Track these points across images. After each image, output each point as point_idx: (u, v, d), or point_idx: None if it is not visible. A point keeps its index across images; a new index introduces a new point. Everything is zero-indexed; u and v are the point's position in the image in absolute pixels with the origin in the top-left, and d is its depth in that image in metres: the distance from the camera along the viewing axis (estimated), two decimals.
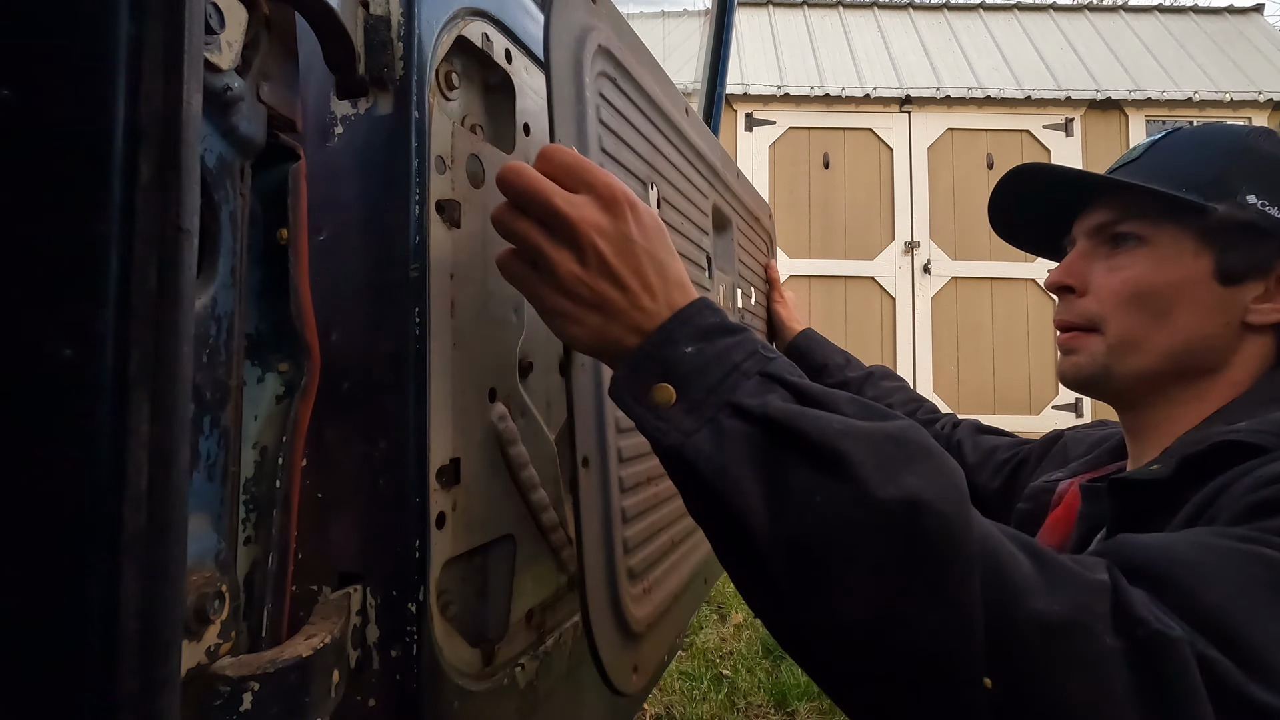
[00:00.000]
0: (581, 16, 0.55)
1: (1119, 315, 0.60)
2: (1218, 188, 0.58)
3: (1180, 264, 0.58)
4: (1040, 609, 0.32)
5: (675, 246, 0.64)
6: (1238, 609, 0.34)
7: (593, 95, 0.55)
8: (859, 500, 0.35)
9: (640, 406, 0.41)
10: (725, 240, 0.97)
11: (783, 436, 0.37)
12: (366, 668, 0.49)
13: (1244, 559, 0.37)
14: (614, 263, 0.43)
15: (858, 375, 1.12)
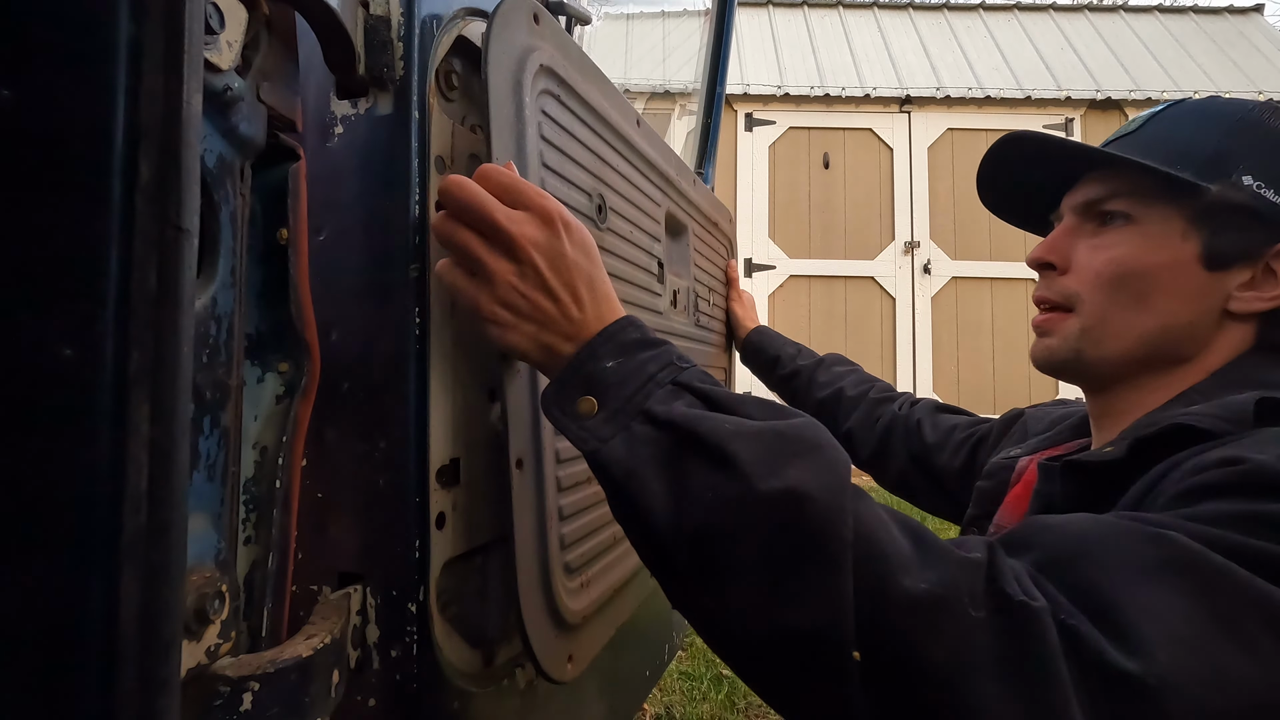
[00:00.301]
0: (523, 38, 0.56)
1: (1097, 296, 0.58)
2: (1214, 166, 0.55)
3: (1167, 246, 0.56)
4: (908, 587, 0.34)
5: (625, 253, 0.70)
6: (1114, 583, 0.36)
7: (534, 113, 0.56)
8: (745, 493, 0.37)
9: (566, 418, 0.45)
10: (680, 245, 1.00)
11: (683, 439, 0.41)
12: (366, 668, 0.49)
13: (1137, 539, 0.38)
14: (548, 275, 0.46)
15: (809, 364, 1.13)
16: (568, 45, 0.63)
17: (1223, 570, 0.36)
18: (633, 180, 0.77)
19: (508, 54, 0.54)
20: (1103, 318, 0.58)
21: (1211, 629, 0.34)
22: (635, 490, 0.41)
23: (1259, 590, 0.35)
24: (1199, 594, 0.35)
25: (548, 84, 0.59)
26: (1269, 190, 0.54)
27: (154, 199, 0.24)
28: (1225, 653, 0.34)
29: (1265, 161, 0.55)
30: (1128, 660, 0.33)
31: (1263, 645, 0.34)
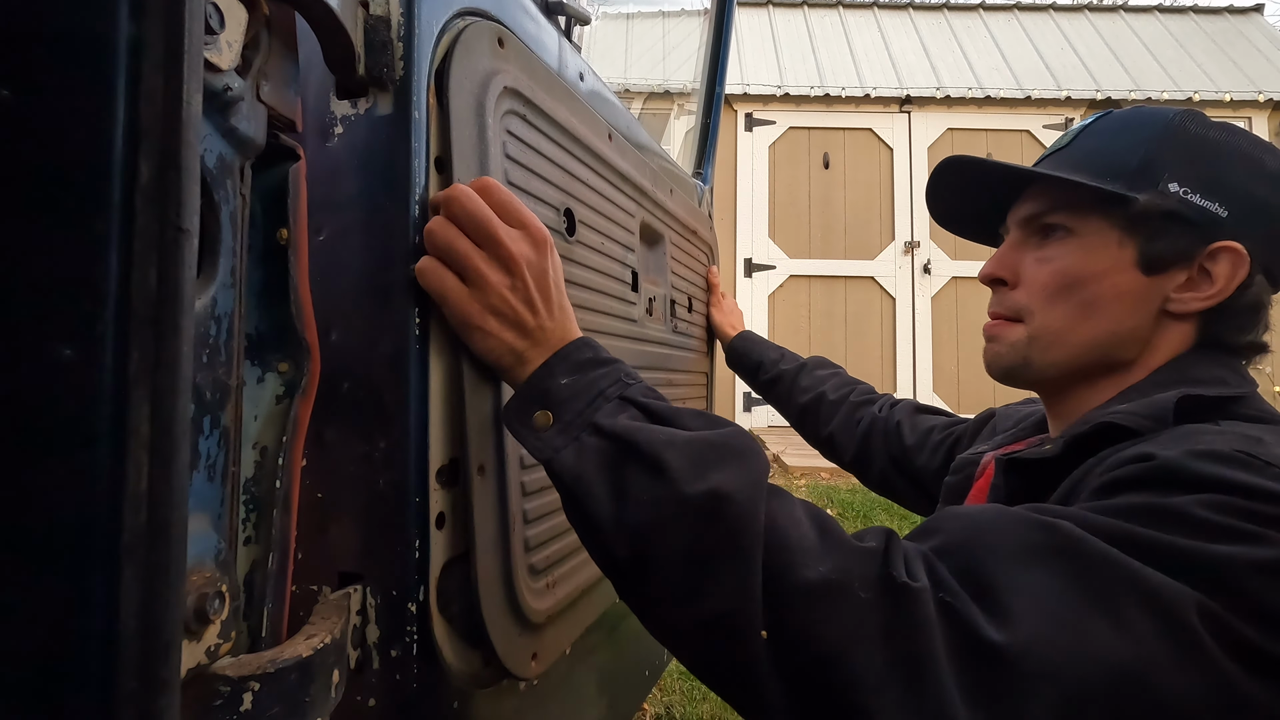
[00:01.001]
0: (485, 62, 0.58)
1: (1045, 307, 0.61)
2: (1141, 176, 0.57)
3: (1105, 254, 0.58)
4: (808, 575, 0.39)
5: (595, 264, 0.73)
6: (998, 565, 0.40)
7: (497, 134, 0.58)
8: (673, 495, 0.42)
9: (525, 430, 0.50)
10: (657, 254, 1.01)
11: (623, 448, 0.45)
12: (366, 668, 0.49)
13: (1027, 526, 0.41)
14: (534, 291, 0.51)
15: (791, 368, 1.14)
16: (534, 66, 0.65)
17: (1104, 555, 0.39)
18: (603, 193, 0.79)
19: (469, 78, 0.55)
20: (1050, 327, 0.61)
21: (1083, 606, 0.38)
22: (583, 494, 0.46)
23: (1137, 573, 0.39)
24: (1077, 575, 0.39)
25: (513, 104, 0.61)
26: (1194, 195, 0.56)
27: (154, 199, 0.24)
28: (1094, 627, 0.37)
29: (1189, 168, 0.57)
30: (996, 632, 0.37)
31: (1135, 622, 0.37)
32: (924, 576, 0.39)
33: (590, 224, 0.75)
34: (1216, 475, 0.42)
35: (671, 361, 1.03)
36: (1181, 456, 0.44)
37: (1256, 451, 0.44)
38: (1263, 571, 0.39)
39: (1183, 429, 0.49)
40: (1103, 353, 0.60)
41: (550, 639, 0.62)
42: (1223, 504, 0.41)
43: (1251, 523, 0.40)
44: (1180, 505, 0.42)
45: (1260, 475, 0.42)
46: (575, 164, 0.72)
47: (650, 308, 0.95)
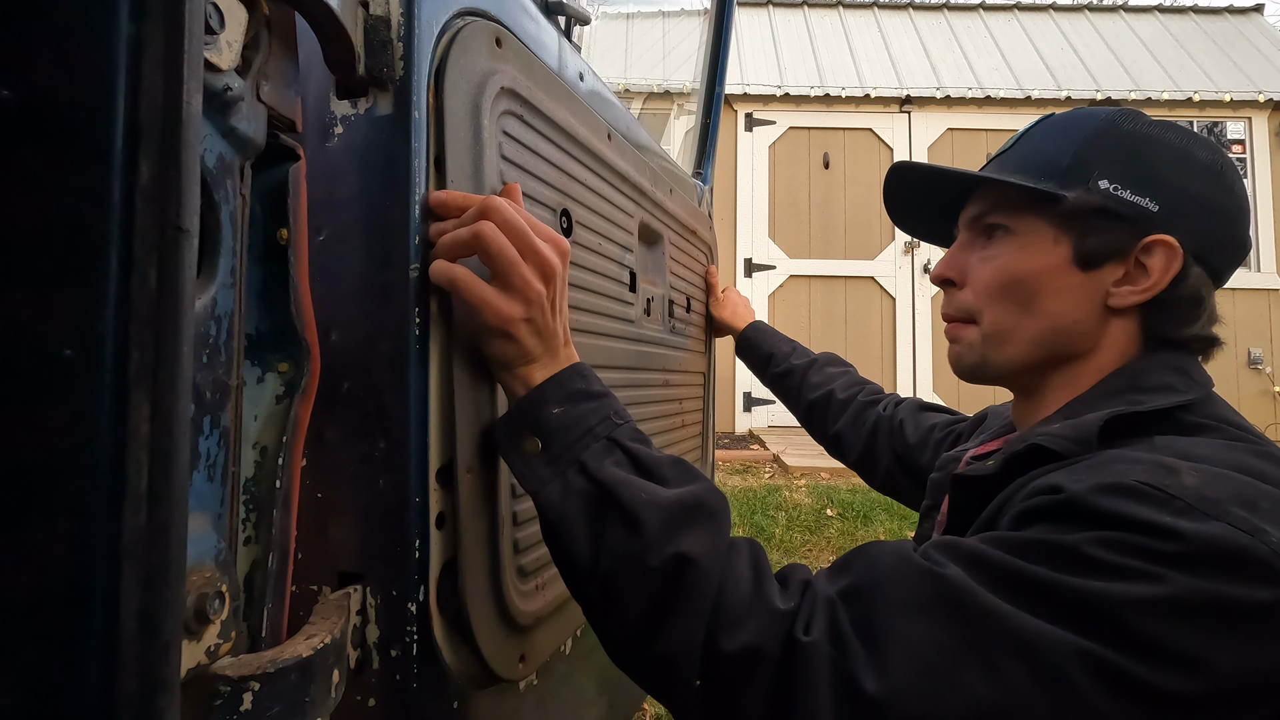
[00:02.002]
0: (483, 62, 0.57)
1: (990, 305, 0.63)
2: (1072, 174, 0.59)
3: (1041, 251, 0.60)
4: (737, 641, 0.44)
5: (593, 264, 0.74)
6: (887, 615, 0.43)
7: (493, 135, 0.57)
8: (644, 554, 0.46)
9: (513, 453, 0.52)
10: (656, 254, 1.02)
11: (606, 498, 0.49)
12: (366, 668, 0.49)
13: (919, 577, 0.44)
14: (560, 305, 0.55)
15: (802, 363, 1.14)
16: (532, 66, 0.65)
17: (984, 606, 0.41)
18: (602, 193, 0.79)
19: (465, 79, 0.55)
20: (998, 325, 0.63)
21: (958, 656, 0.40)
22: (564, 533, 0.50)
23: (1015, 623, 0.41)
24: (956, 626, 0.41)
25: (509, 105, 0.61)
26: (1125, 190, 0.58)
27: (154, 199, 0.24)
28: (966, 677, 0.40)
29: (1119, 165, 0.58)
30: (873, 682, 0.40)
31: (1008, 672, 0.40)
32: (821, 629, 0.43)
33: (588, 224, 0.75)
34: (1116, 511, 0.43)
35: (669, 362, 1.03)
36: (1086, 491, 0.45)
37: (1164, 483, 0.44)
38: (1154, 610, 0.40)
39: (1101, 457, 0.50)
40: (1051, 348, 0.61)
41: (539, 641, 0.62)
42: (1118, 541, 0.42)
43: (1145, 560, 0.41)
44: (1076, 543, 0.42)
45: (1161, 510, 0.42)
46: (573, 164, 0.72)
47: (648, 308, 0.95)
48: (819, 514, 2.99)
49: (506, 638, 0.57)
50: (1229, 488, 0.44)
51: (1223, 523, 0.42)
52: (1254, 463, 0.48)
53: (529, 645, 0.60)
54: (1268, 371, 5.05)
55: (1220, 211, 0.58)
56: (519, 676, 0.59)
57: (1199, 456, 0.48)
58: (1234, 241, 0.59)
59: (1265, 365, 5.04)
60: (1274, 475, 0.47)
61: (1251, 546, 0.41)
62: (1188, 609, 0.40)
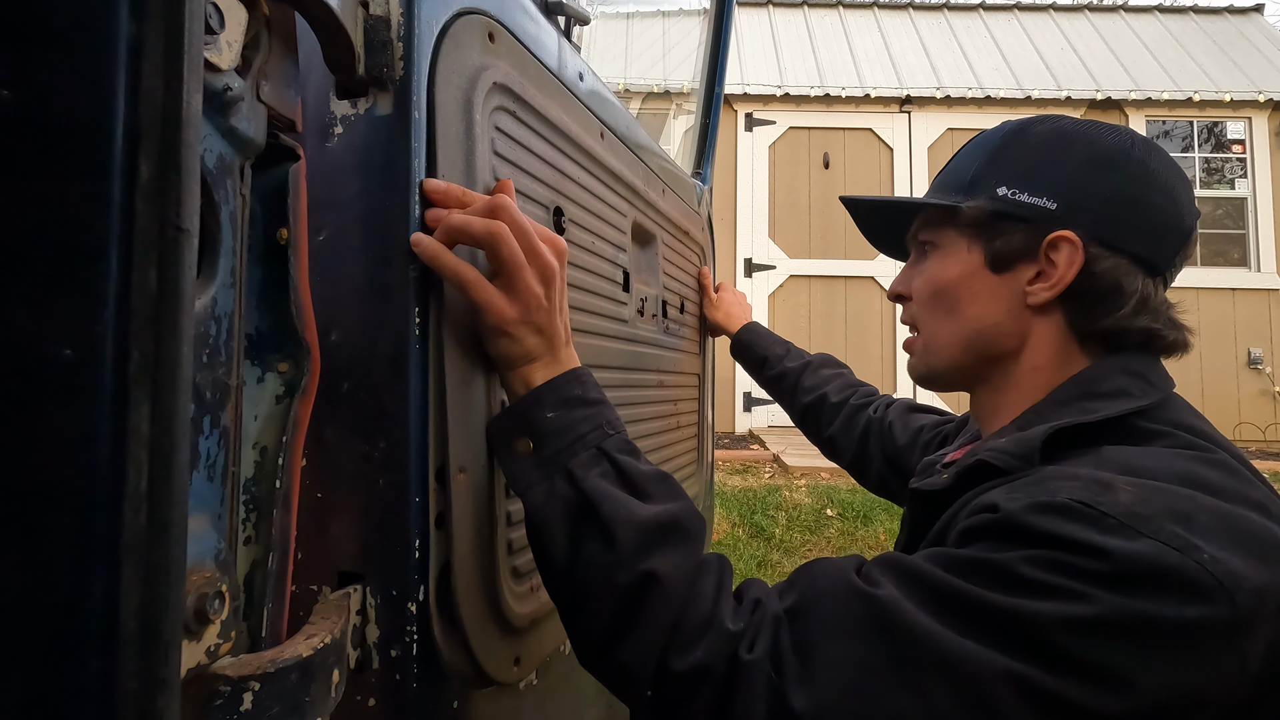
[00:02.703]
0: (475, 57, 0.57)
1: (925, 315, 0.67)
2: (975, 186, 0.63)
3: (958, 260, 0.64)
4: (688, 659, 0.46)
5: (586, 263, 0.74)
6: (821, 634, 0.44)
7: (485, 130, 0.57)
8: (615, 569, 0.48)
9: (505, 451, 0.54)
10: (649, 254, 1.01)
11: (587, 509, 0.50)
12: (366, 668, 0.49)
13: (852, 598, 0.45)
14: (560, 304, 0.56)
15: (796, 365, 1.14)
16: (526, 63, 0.65)
17: (912, 626, 0.43)
18: (595, 192, 0.78)
19: (457, 73, 0.55)
20: (934, 332, 0.67)
21: (884, 677, 0.42)
22: (545, 536, 0.52)
23: (942, 643, 0.42)
24: (884, 647, 0.43)
25: (502, 100, 0.60)
26: (1022, 194, 0.60)
27: (154, 199, 0.24)
28: (890, 697, 0.41)
29: (1018, 171, 0.61)
30: (801, 701, 0.42)
31: (931, 692, 0.41)
32: (764, 648, 0.45)
33: (581, 223, 0.75)
34: (1047, 530, 0.43)
35: (663, 362, 1.03)
36: (1020, 510, 0.45)
37: (1097, 500, 0.44)
38: (1080, 629, 0.40)
39: (1040, 474, 0.51)
40: (978, 350, 0.64)
41: (534, 642, 0.62)
42: (1048, 560, 0.42)
43: (1074, 579, 0.41)
44: (1007, 562, 0.43)
45: (1092, 528, 0.43)
46: (566, 162, 0.71)
47: (642, 308, 0.95)
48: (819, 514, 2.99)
49: (500, 639, 0.57)
50: (1164, 502, 0.44)
51: (1154, 540, 0.42)
52: (1201, 472, 0.48)
53: (524, 647, 0.60)
54: (1268, 371, 5.05)
55: (1129, 200, 0.59)
56: (514, 679, 0.58)
57: (1143, 469, 0.48)
58: (1154, 226, 0.59)
59: (1265, 365, 5.05)
60: (1220, 485, 0.47)
61: (1181, 565, 0.41)
62: (1114, 628, 0.40)
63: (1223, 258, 5.22)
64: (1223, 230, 5.24)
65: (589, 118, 0.78)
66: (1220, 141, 5.32)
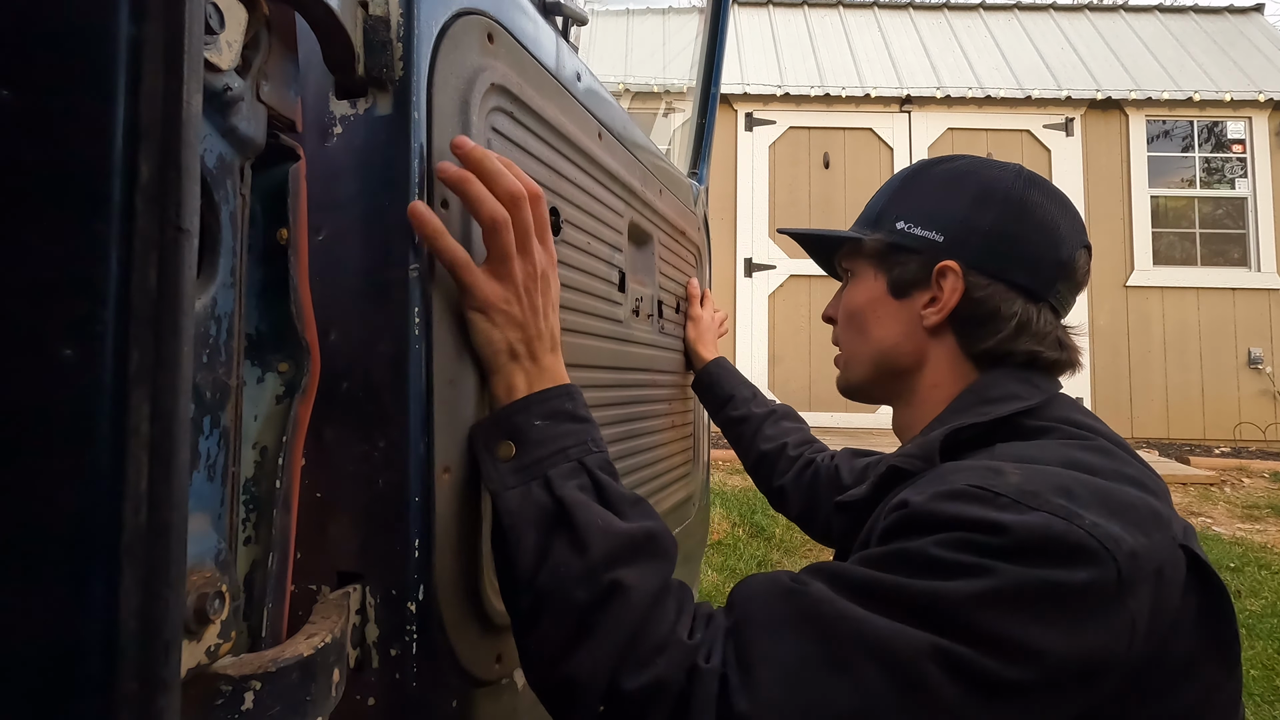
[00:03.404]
0: (473, 58, 0.57)
1: (843, 335, 0.76)
2: (880, 219, 0.71)
3: (867, 287, 0.72)
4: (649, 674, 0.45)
5: (581, 263, 0.75)
6: (756, 637, 0.45)
7: (482, 131, 0.58)
8: (583, 577, 0.48)
9: (485, 453, 0.54)
10: (645, 254, 1.01)
11: (561, 516, 0.50)
12: (366, 667, 0.50)
13: (778, 596, 0.47)
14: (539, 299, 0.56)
15: (761, 411, 1.13)
16: (524, 63, 0.65)
17: (840, 614, 0.44)
18: (592, 192, 0.79)
19: (455, 74, 0.55)
20: (850, 350, 0.75)
21: (818, 666, 0.43)
22: (513, 538, 0.50)
23: (870, 628, 0.43)
24: (815, 638, 0.44)
25: (500, 101, 0.60)
26: (915, 227, 0.68)
27: (154, 199, 0.24)
28: (826, 685, 0.43)
29: (914, 206, 0.69)
30: (744, 701, 0.43)
31: (865, 675, 0.42)
32: (717, 658, 0.46)
33: (577, 223, 0.75)
34: (951, 513, 0.47)
35: (658, 362, 1.03)
36: (926, 500, 0.49)
37: (990, 484, 0.48)
38: (990, 602, 0.43)
39: (940, 469, 0.55)
40: (883, 367, 0.71)
41: None
42: (953, 540, 0.46)
43: (979, 555, 0.45)
44: (920, 547, 0.47)
45: (988, 507, 0.47)
46: (563, 162, 0.72)
47: (637, 308, 0.95)
48: None
49: (482, 637, 0.56)
50: (1047, 480, 0.49)
51: (1041, 512, 0.46)
52: (1081, 456, 0.54)
53: (506, 645, 0.60)
54: (1268, 371, 5.05)
55: (1005, 234, 0.65)
56: (494, 676, 0.58)
57: (1030, 457, 0.53)
58: (1029, 257, 0.65)
59: (1265, 365, 5.04)
60: (1097, 465, 0.52)
61: (1067, 531, 0.45)
62: (1017, 597, 0.43)
63: (1223, 258, 5.23)
64: (1223, 230, 5.24)
65: (586, 118, 0.78)
66: (1220, 141, 5.32)
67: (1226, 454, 4.65)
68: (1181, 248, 5.21)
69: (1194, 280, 5.12)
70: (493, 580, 0.59)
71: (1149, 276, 5.09)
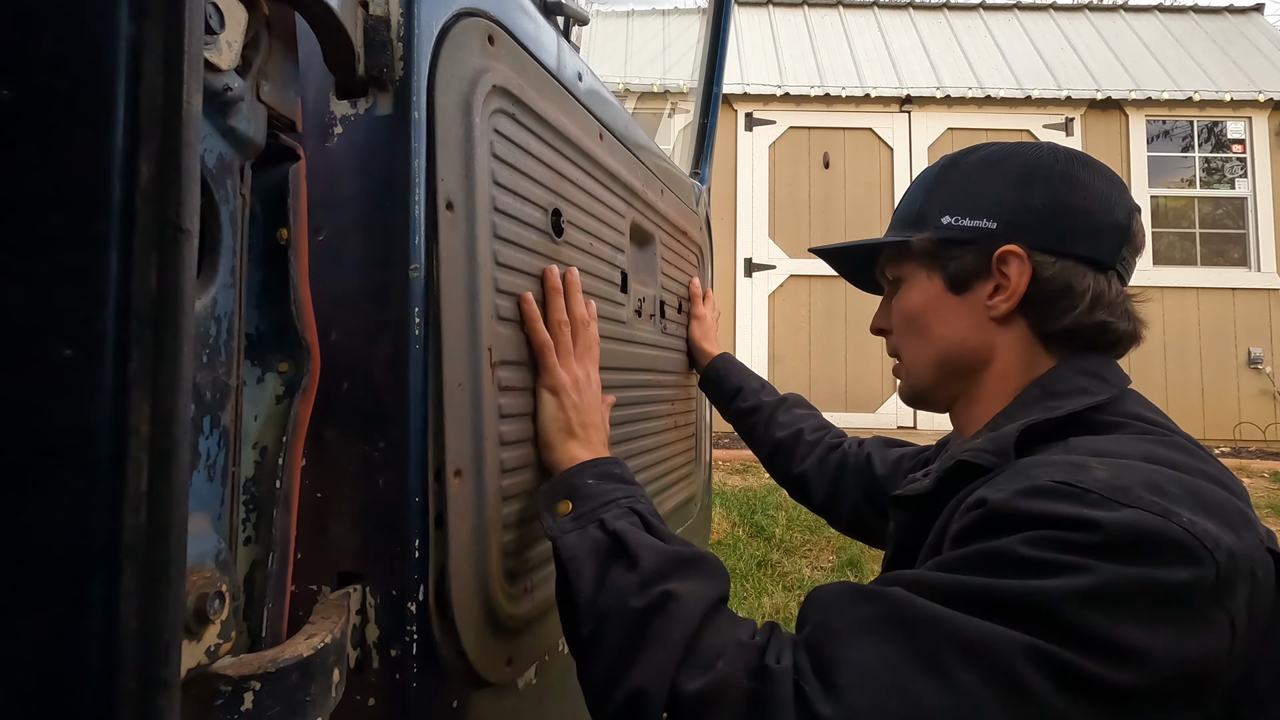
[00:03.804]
0: (475, 60, 0.57)
1: (902, 342, 0.73)
2: (922, 219, 0.68)
3: (922, 288, 0.69)
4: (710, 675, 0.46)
5: (583, 264, 0.76)
6: (836, 644, 0.45)
7: (484, 133, 0.58)
8: (638, 586, 0.51)
9: (547, 513, 0.60)
10: (647, 254, 1.01)
11: (615, 544, 0.55)
12: (366, 667, 0.49)
13: (860, 599, 0.46)
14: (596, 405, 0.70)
15: (771, 400, 1.13)
16: (525, 65, 0.65)
17: (927, 615, 0.43)
18: (593, 193, 0.79)
19: (457, 76, 0.55)
20: (913, 356, 0.72)
21: (909, 669, 0.42)
22: (573, 572, 0.54)
23: (961, 628, 0.42)
24: (902, 640, 0.43)
25: (501, 103, 0.61)
26: (964, 219, 0.66)
27: (154, 199, 0.24)
28: (919, 687, 0.41)
29: (955, 199, 0.67)
30: (829, 706, 0.42)
31: (960, 677, 0.41)
32: (788, 661, 0.45)
33: (579, 224, 0.75)
34: (1038, 511, 0.45)
35: (660, 362, 1.03)
36: (1008, 498, 0.47)
37: (1076, 479, 0.46)
38: (1086, 600, 0.41)
39: (1018, 465, 0.53)
40: (951, 365, 0.69)
41: (528, 643, 0.62)
42: (1043, 539, 0.44)
43: (1070, 553, 0.43)
44: (1006, 546, 0.45)
45: (1077, 504, 0.45)
46: (565, 164, 0.72)
47: (640, 309, 0.95)
48: None
49: (493, 639, 0.57)
50: (1136, 476, 0.47)
51: (1135, 509, 0.44)
52: (1161, 451, 0.51)
53: (517, 648, 0.60)
54: (1268, 371, 5.05)
55: (1066, 210, 0.63)
56: (506, 679, 0.59)
57: (1109, 451, 0.51)
58: (1089, 226, 0.63)
59: (1265, 365, 5.04)
60: (1180, 461, 0.50)
61: (1164, 528, 0.43)
62: (1118, 596, 0.42)
63: (1223, 258, 5.22)
64: (1223, 230, 5.24)
65: (588, 119, 0.78)
66: (1220, 141, 5.31)
67: (1226, 454, 4.65)
68: (1181, 248, 5.21)
69: (1194, 280, 5.12)
70: (504, 584, 0.59)
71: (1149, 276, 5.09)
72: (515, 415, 0.63)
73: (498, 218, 0.59)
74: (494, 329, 0.59)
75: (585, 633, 0.52)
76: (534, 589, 0.64)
